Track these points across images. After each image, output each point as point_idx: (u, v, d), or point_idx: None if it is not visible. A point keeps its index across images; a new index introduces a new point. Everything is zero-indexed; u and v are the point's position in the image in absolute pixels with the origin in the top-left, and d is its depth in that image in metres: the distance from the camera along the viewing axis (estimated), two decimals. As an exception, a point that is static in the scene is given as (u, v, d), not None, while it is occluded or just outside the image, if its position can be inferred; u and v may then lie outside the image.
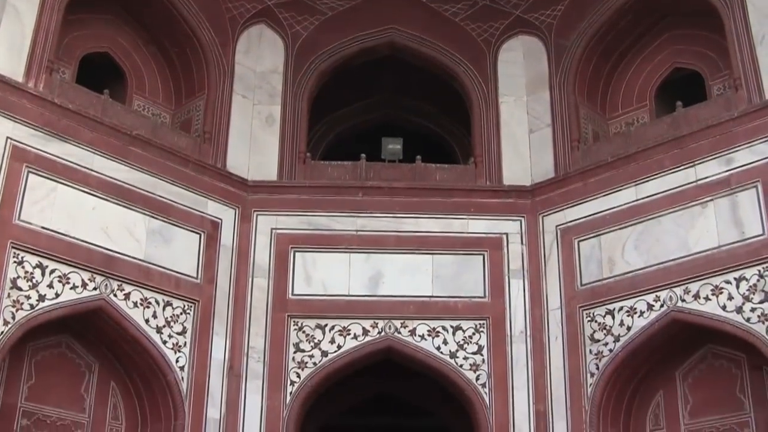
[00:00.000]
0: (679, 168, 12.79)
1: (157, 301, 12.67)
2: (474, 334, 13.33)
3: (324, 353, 13.25)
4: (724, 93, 13.57)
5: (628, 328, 12.60)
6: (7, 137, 11.80)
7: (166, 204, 13.16)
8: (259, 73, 15.08)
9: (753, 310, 11.62)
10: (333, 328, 13.36)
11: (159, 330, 12.58)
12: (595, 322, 12.92)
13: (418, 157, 14.74)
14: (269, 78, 15.07)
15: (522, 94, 15.03)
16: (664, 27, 14.67)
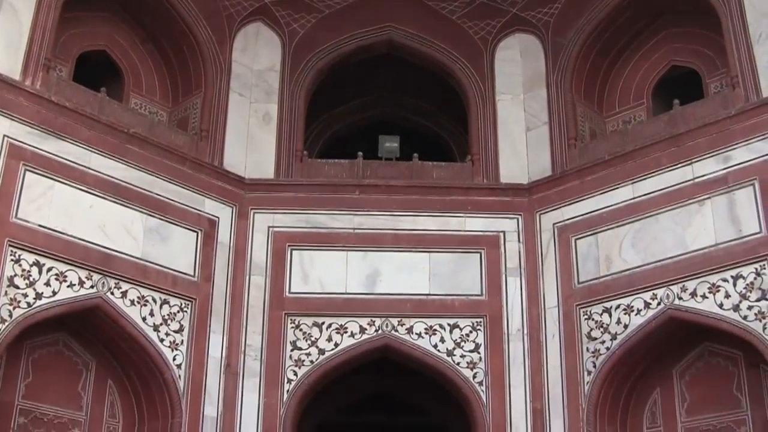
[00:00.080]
0: (677, 166, 12.79)
1: (154, 299, 12.67)
2: (471, 332, 13.33)
3: (321, 351, 13.25)
4: (721, 91, 13.58)
5: (625, 326, 12.60)
6: (3, 135, 11.80)
7: (163, 202, 13.15)
8: (256, 71, 15.07)
9: (750, 308, 11.63)
10: (330, 326, 13.36)
11: (156, 328, 12.58)
12: (592, 320, 12.92)
13: (416, 155, 14.74)
14: (266, 76, 15.06)
15: (519, 92, 15.02)
16: (661, 25, 14.68)
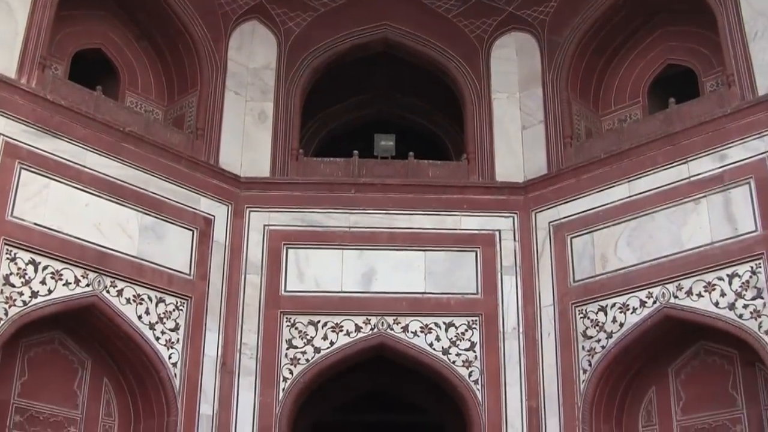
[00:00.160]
0: (672, 164, 12.79)
1: (149, 298, 12.66)
2: (467, 330, 13.34)
3: (316, 350, 13.25)
4: (717, 89, 13.58)
5: (621, 325, 12.61)
6: (-1, 133, 11.83)
7: (158, 200, 13.14)
8: (252, 70, 15.05)
9: (745, 306, 11.63)
10: (326, 324, 13.35)
11: (152, 326, 12.57)
12: (588, 318, 12.93)
13: (411, 153, 14.73)
14: (262, 74, 15.05)
15: (515, 90, 15.02)
16: (657, 23, 14.68)
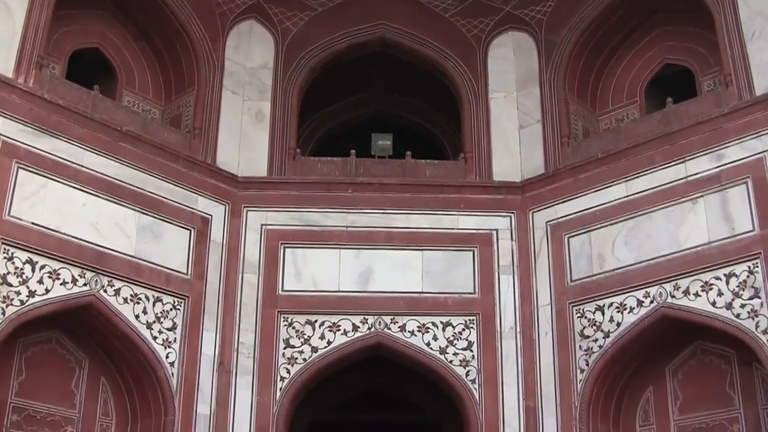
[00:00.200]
0: (670, 164, 12.80)
1: (147, 297, 12.65)
2: (464, 330, 13.34)
3: (314, 349, 13.24)
4: (714, 89, 13.58)
5: (618, 324, 12.61)
6: (-4, 133, 11.82)
7: (156, 200, 13.14)
8: (249, 69, 15.05)
9: (743, 306, 11.64)
10: (323, 323, 13.35)
11: (149, 326, 12.57)
12: (585, 318, 12.93)
13: (408, 153, 14.73)
14: (259, 74, 15.04)
15: (512, 90, 15.01)
16: (655, 23, 14.67)
